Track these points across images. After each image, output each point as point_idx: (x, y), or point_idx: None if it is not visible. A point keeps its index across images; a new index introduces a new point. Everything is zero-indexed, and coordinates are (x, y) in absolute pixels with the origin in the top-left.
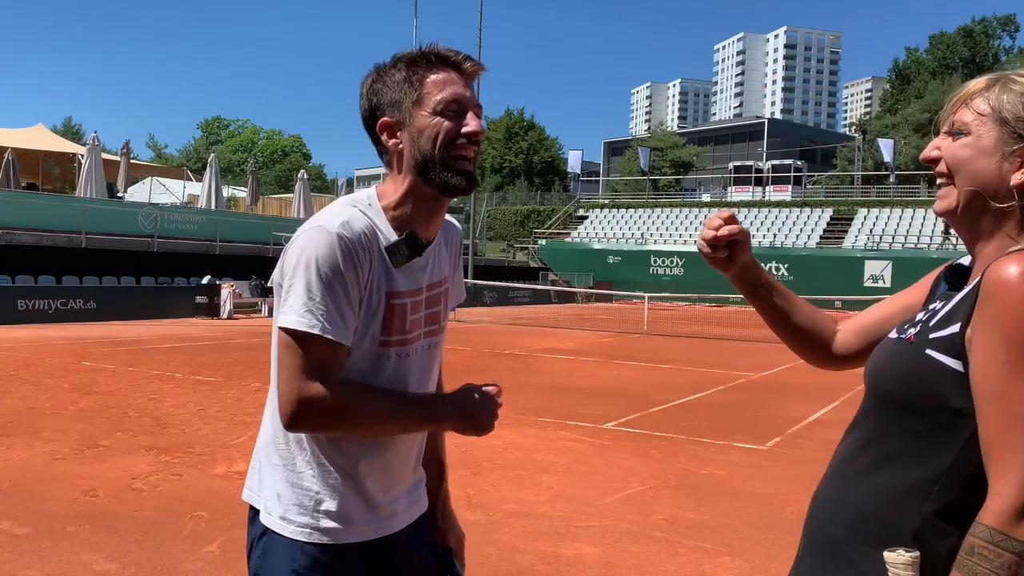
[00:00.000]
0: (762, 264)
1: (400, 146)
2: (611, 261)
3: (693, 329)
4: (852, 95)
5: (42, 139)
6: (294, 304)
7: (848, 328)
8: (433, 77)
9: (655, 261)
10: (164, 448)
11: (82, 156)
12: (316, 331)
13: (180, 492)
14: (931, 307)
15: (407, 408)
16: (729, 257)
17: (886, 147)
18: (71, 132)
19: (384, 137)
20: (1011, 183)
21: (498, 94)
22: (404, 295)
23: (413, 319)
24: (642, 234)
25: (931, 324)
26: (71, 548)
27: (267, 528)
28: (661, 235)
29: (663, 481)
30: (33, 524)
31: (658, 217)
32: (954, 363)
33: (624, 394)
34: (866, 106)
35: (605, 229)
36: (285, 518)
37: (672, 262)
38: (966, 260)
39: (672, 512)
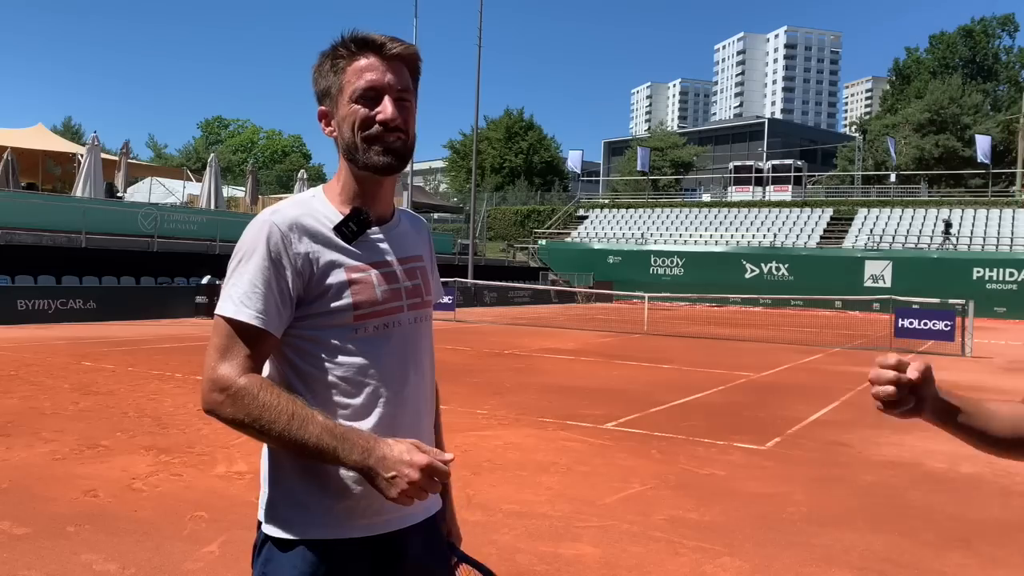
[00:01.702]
0: (762, 265)
1: (334, 133)
2: (611, 261)
3: (693, 329)
4: (852, 95)
5: (42, 139)
6: (222, 291)
7: None
8: (353, 64)
9: (655, 261)
10: (164, 448)
11: (82, 156)
12: (228, 314)
13: (180, 492)
14: None
15: (313, 425)
16: (919, 399)
17: (892, 146)
18: (71, 132)
19: (322, 126)
20: None
21: (498, 94)
22: (366, 268)
23: (386, 289)
24: (642, 234)
25: None
26: (71, 548)
27: (267, 536)
28: (661, 235)
29: (663, 481)
30: (33, 524)
31: (658, 217)
32: None
33: (624, 394)
34: (866, 106)
35: (605, 229)
36: (279, 518)
37: (672, 262)
38: None
39: (672, 512)
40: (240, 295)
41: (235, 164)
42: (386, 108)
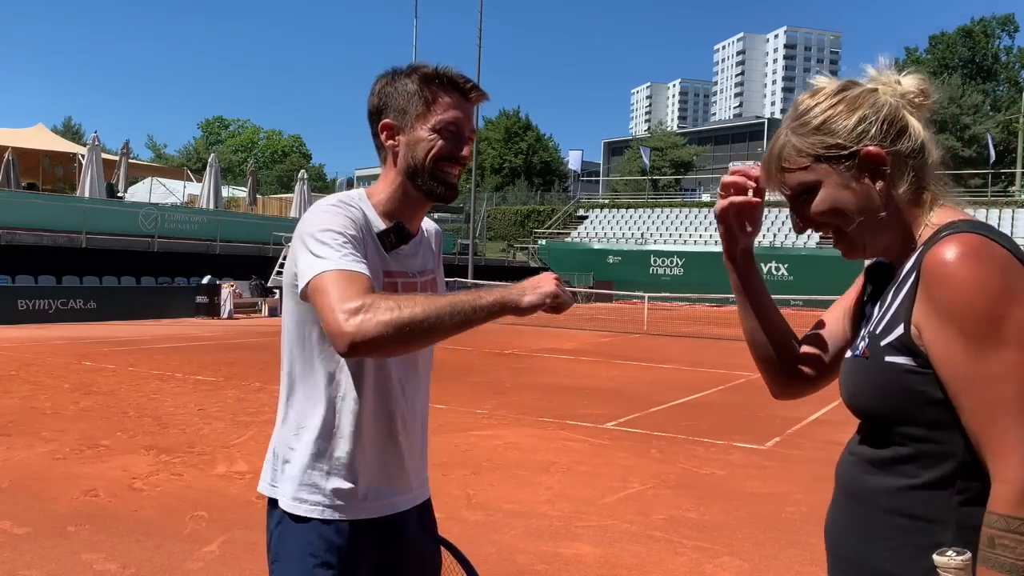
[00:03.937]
0: (761, 265)
1: (397, 148)
2: (611, 261)
3: (693, 329)
4: None
5: (42, 139)
6: (307, 262)
7: (805, 349)
8: (441, 98)
9: (655, 261)
10: (164, 448)
11: (82, 156)
12: (331, 268)
13: (180, 492)
14: (868, 314)
15: (447, 294)
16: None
17: None
18: (71, 132)
19: (384, 136)
20: (879, 191)
21: (498, 94)
22: (396, 276)
23: None
24: (642, 234)
25: (878, 332)
26: (71, 548)
27: (284, 514)
28: (661, 235)
29: (663, 481)
30: (33, 524)
31: (658, 217)
32: (914, 361)
33: (624, 394)
34: None
35: (605, 229)
36: (298, 498)
37: (672, 262)
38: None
39: (672, 512)
40: (337, 256)
41: (235, 164)
42: (466, 149)
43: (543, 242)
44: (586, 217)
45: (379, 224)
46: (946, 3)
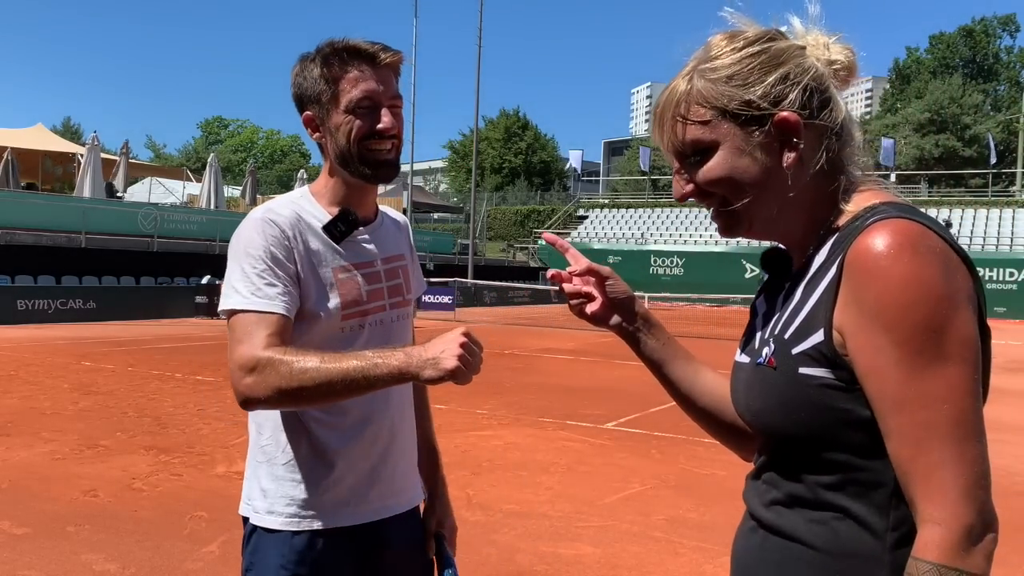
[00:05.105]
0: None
1: (323, 139)
2: (611, 261)
3: (693, 329)
4: (852, 95)
5: (42, 139)
6: (225, 290)
7: None
8: (347, 74)
9: (655, 261)
10: (164, 448)
11: (82, 156)
12: (240, 307)
13: (180, 492)
14: (767, 310)
15: (346, 356)
16: (611, 304)
17: (886, 147)
18: (71, 132)
19: (309, 131)
20: (786, 165)
21: (498, 94)
22: (353, 267)
23: (371, 289)
24: (642, 234)
25: (787, 337)
26: (71, 548)
27: (256, 526)
28: (661, 235)
29: (663, 481)
30: (33, 524)
31: (658, 217)
32: (833, 374)
33: (624, 394)
34: (866, 106)
35: (605, 229)
36: (272, 511)
37: (672, 262)
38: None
39: (672, 512)
40: (249, 288)
41: (235, 164)
42: (384, 117)
43: (543, 242)
44: (586, 217)
45: (326, 218)
46: (946, 3)
